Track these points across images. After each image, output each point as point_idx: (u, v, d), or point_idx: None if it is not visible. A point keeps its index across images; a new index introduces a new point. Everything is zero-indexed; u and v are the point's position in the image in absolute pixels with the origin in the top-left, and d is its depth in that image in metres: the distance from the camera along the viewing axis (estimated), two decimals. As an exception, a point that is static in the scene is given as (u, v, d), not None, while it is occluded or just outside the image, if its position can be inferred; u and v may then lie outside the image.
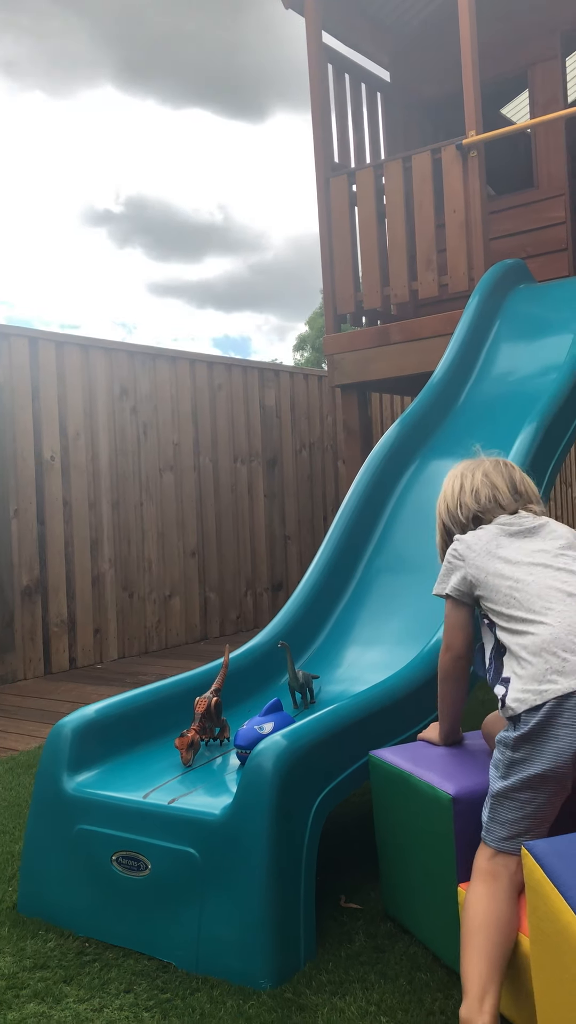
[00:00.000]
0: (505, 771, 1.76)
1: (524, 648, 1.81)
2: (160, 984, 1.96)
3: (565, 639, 1.77)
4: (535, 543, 2.02)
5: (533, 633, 1.81)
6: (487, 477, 2.17)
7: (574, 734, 1.70)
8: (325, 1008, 1.82)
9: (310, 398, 7.05)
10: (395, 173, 5.15)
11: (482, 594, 1.98)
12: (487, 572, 1.98)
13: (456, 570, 2.05)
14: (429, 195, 5.03)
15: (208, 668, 2.85)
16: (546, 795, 1.73)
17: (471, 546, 2.05)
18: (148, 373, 5.73)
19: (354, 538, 3.51)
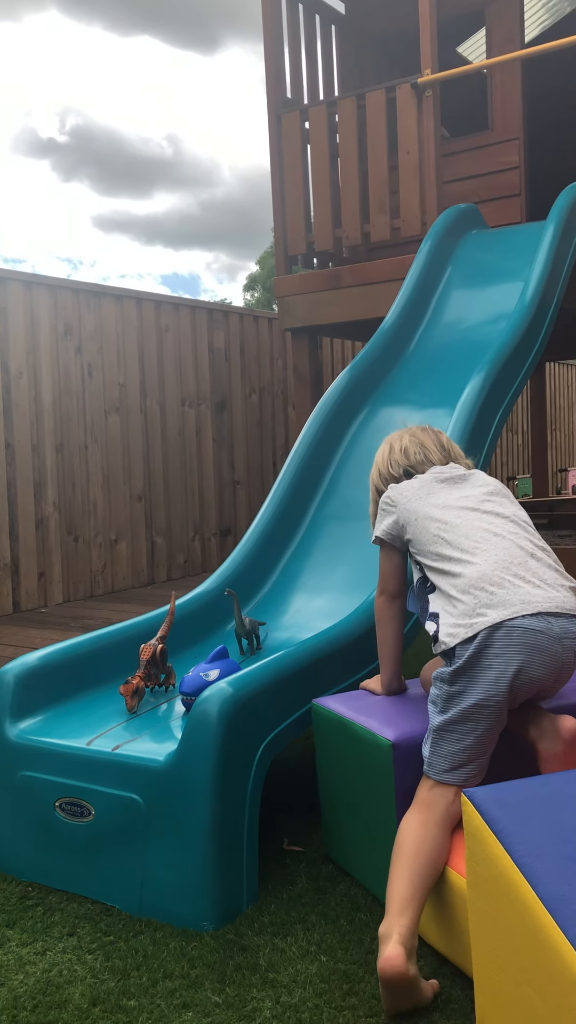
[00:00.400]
0: (444, 705, 1.82)
1: (454, 587, 1.88)
2: (103, 927, 1.98)
3: (492, 575, 1.85)
4: (464, 490, 2.10)
5: (462, 573, 1.88)
6: (415, 437, 2.27)
7: (506, 662, 1.77)
8: (267, 948, 1.86)
9: (260, 341, 6.96)
10: (348, 111, 5.03)
11: (411, 537, 2.06)
12: (417, 515, 2.05)
13: (388, 515, 2.13)
14: (383, 135, 4.94)
15: (154, 615, 2.84)
16: (484, 725, 1.80)
17: (403, 492, 2.13)
18: (93, 312, 5.59)
19: (303, 485, 3.50)
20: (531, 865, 1.33)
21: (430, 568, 1.97)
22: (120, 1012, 1.69)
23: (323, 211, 5.20)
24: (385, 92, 4.88)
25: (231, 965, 1.81)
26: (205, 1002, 1.70)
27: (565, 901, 1.27)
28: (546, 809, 1.42)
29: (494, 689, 1.78)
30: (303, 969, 1.78)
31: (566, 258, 4.22)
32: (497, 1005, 1.44)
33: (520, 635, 1.78)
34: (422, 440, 2.26)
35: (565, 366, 11.78)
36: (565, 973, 1.23)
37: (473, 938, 1.49)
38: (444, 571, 1.92)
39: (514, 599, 1.81)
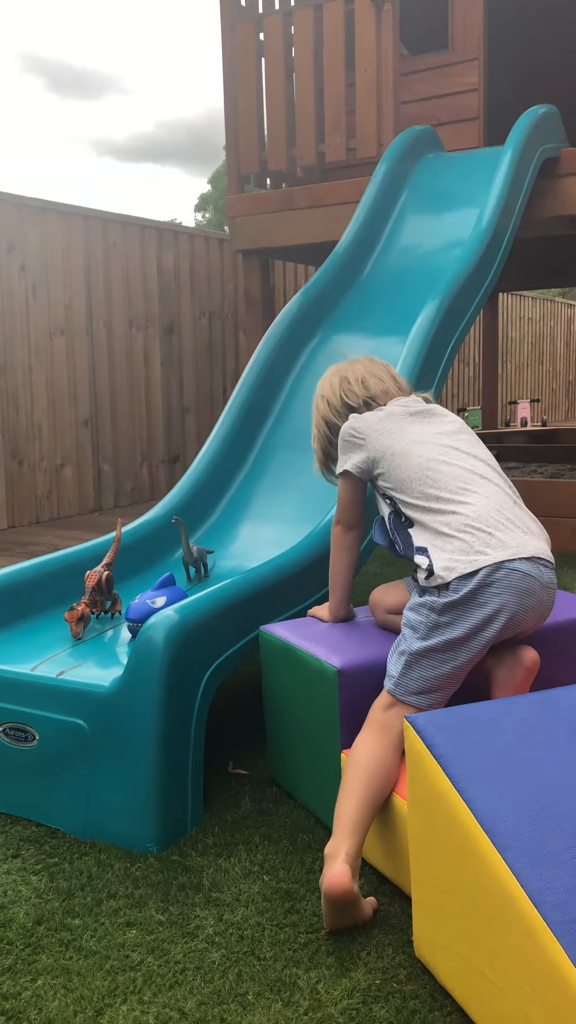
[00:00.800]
0: (427, 632, 1.82)
1: (446, 525, 1.86)
2: (48, 849, 1.99)
3: (488, 516, 1.85)
4: (434, 426, 2.06)
5: (457, 512, 1.87)
6: (367, 369, 2.21)
7: (502, 603, 1.79)
8: (210, 869, 1.89)
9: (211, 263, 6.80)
10: (305, 22, 4.85)
11: (384, 471, 2.00)
12: (394, 451, 1.99)
13: (357, 449, 2.06)
14: (340, 50, 4.77)
15: (99, 542, 2.81)
16: (464, 658, 1.81)
17: (371, 424, 2.06)
18: (38, 228, 5.39)
19: (253, 412, 3.46)
20: (469, 788, 1.35)
21: (411, 505, 1.93)
22: (64, 931, 1.71)
23: (277, 129, 5.04)
24: (344, 3, 4.70)
25: (175, 885, 1.84)
26: (149, 920, 1.73)
27: (500, 822, 1.31)
28: (485, 734, 1.45)
29: (485, 627, 1.79)
30: (246, 888, 1.82)
31: (523, 185, 4.16)
32: (433, 920, 1.49)
33: (518, 579, 1.79)
34: (376, 372, 2.20)
35: (518, 297, 11.76)
36: (498, 889, 1.27)
37: (412, 857, 1.53)
38: (433, 509, 1.89)
39: (511, 542, 1.82)
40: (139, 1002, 1.52)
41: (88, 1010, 1.50)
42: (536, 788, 1.36)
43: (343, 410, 2.17)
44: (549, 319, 12.96)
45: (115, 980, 1.57)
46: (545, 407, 12.39)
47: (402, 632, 1.88)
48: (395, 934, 1.66)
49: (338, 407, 2.18)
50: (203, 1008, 1.50)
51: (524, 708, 1.53)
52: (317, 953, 1.62)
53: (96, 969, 1.60)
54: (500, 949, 1.29)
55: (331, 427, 2.19)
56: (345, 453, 2.09)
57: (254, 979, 1.56)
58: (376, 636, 2.09)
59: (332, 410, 2.18)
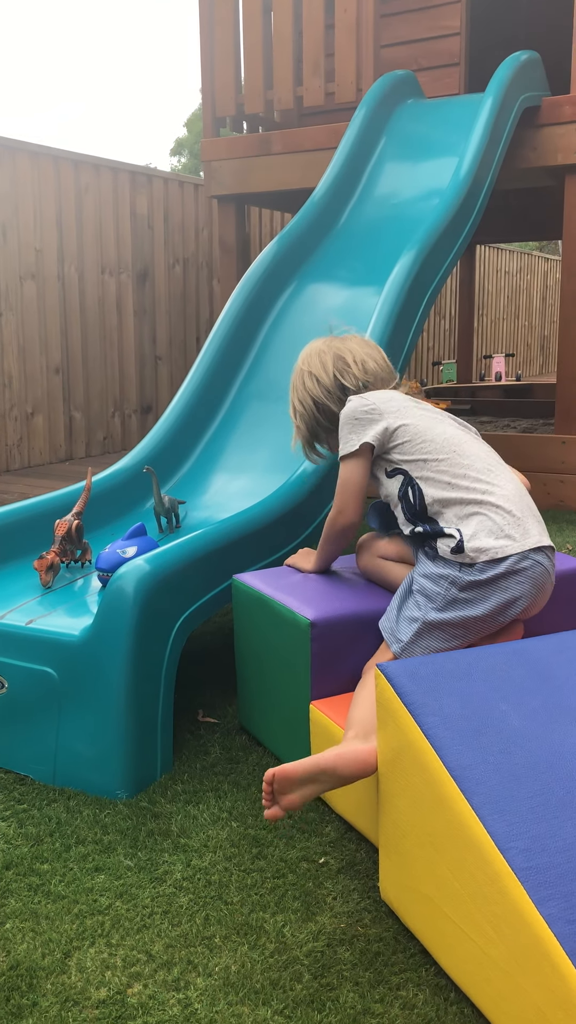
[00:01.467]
0: (444, 605, 1.82)
1: (476, 504, 1.85)
2: (17, 796, 2.00)
3: (515, 501, 1.87)
4: (435, 412, 2.05)
5: (486, 491, 1.86)
6: (364, 350, 2.13)
7: (522, 591, 1.80)
8: (179, 815, 1.90)
9: (185, 209, 6.66)
10: (285, -41, 4.70)
11: (401, 443, 1.94)
12: (417, 427, 1.96)
13: (374, 422, 1.97)
14: (320, -12, 4.64)
15: (69, 490, 2.78)
16: (473, 635, 1.84)
17: (385, 401, 2.01)
18: (7, 169, 5.24)
19: (227, 362, 3.42)
20: (439, 736, 1.36)
21: (435, 480, 1.89)
22: (33, 875, 1.71)
23: (254, 70, 4.92)
24: None
25: (143, 831, 1.85)
26: (117, 866, 1.74)
27: (469, 769, 1.32)
28: (456, 683, 1.45)
29: (503, 612, 1.81)
30: (214, 835, 1.83)
31: (503, 134, 4.10)
32: (400, 866, 1.51)
33: (540, 572, 1.82)
34: (373, 355, 2.14)
35: (496, 250, 11.67)
36: (465, 835, 1.29)
37: (381, 804, 1.54)
38: (461, 486, 1.87)
39: (533, 530, 1.84)
40: (107, 945, 1.53)
41: (56, 952, 1.51)
42: (505, 736, 1.37)
43: (335, 391, 2.08)
44: (526, 273, 12.90)
45: (83, 924, 1.58)
46: (520, 362, 12.39)
47: (413, 598, 1.87)
48: (361, 879, 1.69)
49: (329, 387, 2.09)
50: (170, 951, 1.51)
51: (495, 658, 1.54)
52: (283, 898, 1.64)
53: (64, 913, 1.61)
54: (465, 893, 1.31)
55: (320, 407, 2.10)
56: (359, 429, 1.98)
57: (221, 923, 1.58)
58: (350, 590, 2.09)
59: (323, 389, 2.09)
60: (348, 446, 1.99)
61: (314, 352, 2.15)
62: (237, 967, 1.47)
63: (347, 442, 2.00)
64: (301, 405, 2.14)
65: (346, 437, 2.00)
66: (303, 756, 1.95)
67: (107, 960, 1.50)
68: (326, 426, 2.13)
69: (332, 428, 2.10)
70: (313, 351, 2.16)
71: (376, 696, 1.51)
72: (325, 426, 2.13)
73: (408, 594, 1.90)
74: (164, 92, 60.44)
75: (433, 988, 1.42)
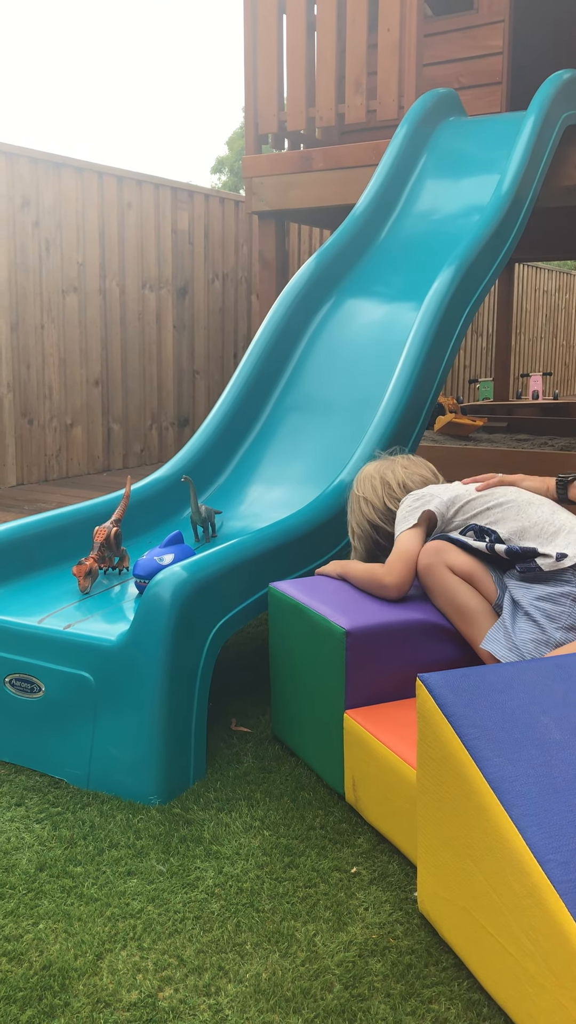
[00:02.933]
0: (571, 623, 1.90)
1: (554, 529, 2.01)
2: (51, 799, 2.01)
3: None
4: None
5: (557, 525, 2.03)
6: (407, 470, 2.31)
7: None
8: (211, 823, 1.90)
9: (226, 225, 6.73)
10: (329, -21, 4.75)
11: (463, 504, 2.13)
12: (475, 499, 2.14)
13: (434, 497, 2.15)
14: (363, 9, 4.68)
15: (109, 498, 2.80)
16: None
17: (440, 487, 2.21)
18: (52, 184, 5.33)
19: (264, 375, 3.44)
20: (479, 747, 1.35)
21: (505, 520, 2.06)
22: (66, 877, 1.72)
23: (297, 88, 4.96)
24: (368, -40, 4.60)
25: (176, 837, 1.85)
26: (150, 870, 1.74)
27: (509, 782, 1.31)
28: (496, 696, 1.44)
29: None
30: (246, 843, 1.83)
31: (544, 152, 4.10)
32: (437, 875, 1.50)
33: None
34: (417, 470, 2.32)
35: (534, 268, 11.64)
36: (504, 847, 1.28)
37: (420, 813, 1.53)
38: (533, 519, 2.04)
39: None
40: (138, 948, 1.53)
41: (88, 954, 1.52)
42: (545, 750, 1.36)
43: (387, 512, 2.26)
44: (565, 292, 12.83)
45: (115, 926, 1.59)
46: (557, 380, 12.31)
47: (533, 619, 1.90)
48: (393, 891, 1.68)
49: (382, 509, 2.27)
50: (201, 956, 1.51)
51: (536, 672, 1.52)
52: (315, 907, 1.63)
53: (97, 915, 1.62)
54: (503, 905, 1.29)
55: (377, 529, 2.28)
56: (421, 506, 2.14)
57: (252, 930, 1.57)
58: (386, 600, 2.09)
59: (378, 513, 2.27)
60: (407, 522, 2.12)
61: (365, 478, 2.34)
62: (268, 975, 1.46)
63: (406, 520, 2.13)
64: (359, 528, 2.32)
65: (405, 517, 2.14)
66: (336, 766, 1.95)
67: (138, 963, 1.50)
68: (384, 545, 2.26)
69: (387, 545, 2.22)
70: (364, 477, 2.35)
71: (417, 707, 1.50)
72: (383, 545, 2.27)
73: (521, 617, 1.92)
74: (206, 111, 61.12)
75: (466, 1002, 1.40)
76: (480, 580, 2.01)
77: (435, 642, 2.03)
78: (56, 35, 67.96)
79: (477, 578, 2.02)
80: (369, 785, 1.84)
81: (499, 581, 2.02)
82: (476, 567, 2.03)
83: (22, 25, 68.94)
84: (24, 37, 69.19)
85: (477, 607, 2.00)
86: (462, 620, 2.00)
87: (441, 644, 2.04)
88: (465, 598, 2.00)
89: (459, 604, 1.99)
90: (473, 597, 2.00)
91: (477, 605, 2.00)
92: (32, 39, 69.65)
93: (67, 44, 68.27)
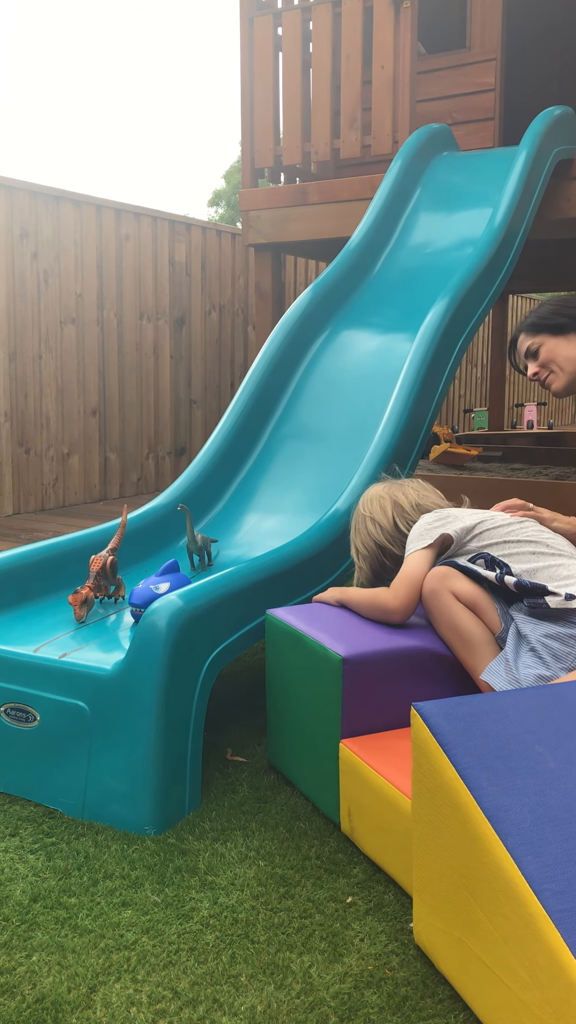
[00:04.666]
0: (574, 663, 1.90)
1: (567, 570, 2.02)
2: (46, 829, 2.00)
3: None
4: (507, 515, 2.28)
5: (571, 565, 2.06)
6: (418, 493, 2.31)
7: None
8: (207, 853, 1.89)
9: (222, 257, 6.80)
10: (323, 18, 4.84)
11: (479, 533, 2.11)
12: (495, 518, 2.15)
13: (456, 520, 2.14)
14: (358, 46, 4.77)
15: (105, 527, 2.81)
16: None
17: (459, 510, 2.21)
18: (51, 216, 5.39)
19: (260, 405, 3.46)
20: (474, 776, 1.35)
21: (519, 555, 2.06)
22: (60, 908, 1.71)
23: (293, 123, 5.04)
24: (363, 0, 4.70)
25: (171, 867, 1.84)
26: (144, 901, 1.73)
27: (504, 810, 1.31)
28: (491, 724, 1.44)
29: None
30: (241, 873, 1.82)
31: (536, 186, 4.16)
32: (433, 908, 1.49)
33: None
34: (428, 495, 2.31)
35: (528, 300, 11.74)
36: (499, 876, 1.27)
37: (415, 843, 1.53)
38: (546, 555, 2.07)
39: None
40: (132, 980, 1.52)
41: (82, 987, 1.50)
42: (541, 779, 1.36)
43: (395, 533, 2.24)
44: (558, 324, 12.92)
45: (109, 958, 1.57)
46: (552, 410, 12.38)
47: (535, 655, 1.90)
48: (388, 921, 1.67)
49: (391, 530, 2.25)
50: (196, 988, 1.50)
51: (531, 700, 1.53)
52: (311, 938, 1.62)
53: (91, 947, 1.60)
54: (499, 936, 1.29)
55: (384, 550, 2.26)
56: (439, 527, 2.12)
57: (247, 961, 1.56)
58: (384, 626, 2.09)
59: (386, 534, 2.25)
60: (422, 541, 2.10)
61: (374, 498, 2.32)
62: (263, 1007, 1.45)
63: (421, 539, 2.11)
64: (364, 548, 2.29)
65: (421, 535, 2.12)
66: (332, 796, 1.94)
67: (132, 996, 1.48)
68: (389, 567, 2.25)
69: (394, 568, 2.19)
70: (373, 497, 2.32)
71: (412, 735, 1.50)
72: (389, 567, 2.25)
73: (526, 652, 1.92)
74: (203, 145, 61.87)
75: (463, 1035, 1.39)
76: (484, 610, 2.02)
77: (434, 671, 2.03)
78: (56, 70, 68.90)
79: (482, 607, 2.02)
80: (365, 815, 1.84)
81: (504, 614, 2.02)
82: (481, 596, 2.03)
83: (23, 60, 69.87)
84: (25, 72, 70.17)
85: (480, 636, 2.00)
86: (464, 648, 2.00)
87: (440, 673, 2.04)
88: (468, 626, 2.00)
89: (462, 632, 2.00)
90: (476, 626, 2.00)
91: (480, 634, 2.00)
92: (33, 74, 70.63)
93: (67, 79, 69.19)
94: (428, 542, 2.09)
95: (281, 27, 5.02)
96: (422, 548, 2.09)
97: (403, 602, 2.04)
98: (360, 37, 4.75)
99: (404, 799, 1.67)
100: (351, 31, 4.76)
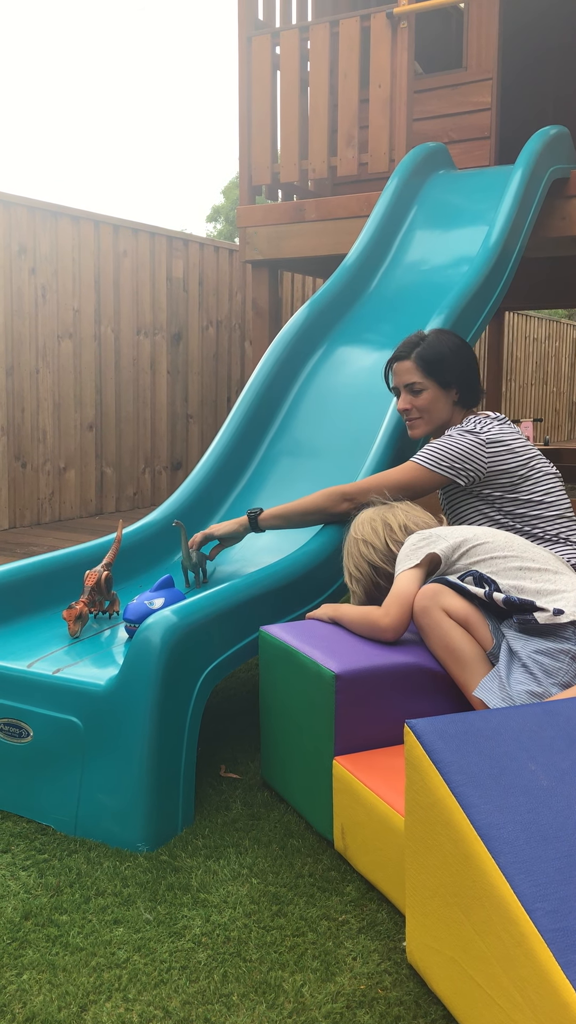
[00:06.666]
0: (569, 679, 1.90)
1: (553, 587, 2.04)
2: (38, 845, 1.99)
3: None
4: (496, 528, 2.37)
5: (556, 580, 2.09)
6: (407, 515, 2.31)
7: None
8: (199, 870, 1.88)
9: (220, 273, 6.83)
10: (321, 37, 4.89)
11: (466, 550, 2.12)
12: (478, 535, 2.16)
13: (441, 539, 2.15)
14: (355, 65, 4.81)
15: (100, 542, 2.81)
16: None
17: (445, 529, 2.22)
18: (49, 232, 5.42)
19: (257, 420, 3.47)
20: (467, 794, 1.35)
21: (506, 571, 2.06)
22: (52, 926, 1.70)
23: (290, 141, 5.08)
24: (359, 20, 4.75)
25: (163, 885, 1.83)
26: (136, 919, 1.72)
27: (496, 829, 1.30)
28: (485, 742, 1.44)
29: None
30: (234, 890, 1.81)
31: (532, 204, 4.19)
32: (426, 927, 1.48)
33: None
34: (418, 516, 2.32)
35: (524, 316, 11.80)
36: (491, 895, 1.27)
37: (408, 861, 1.52)
38: (533, 569, 2.08)
39: None
40: (124, 999, 1.51)
41: (72, 1006, 1.49)
42: (533, 797, 1.36)
43: (388, 554, 2.25)
44: (555, 339, 13.00)
45: (100, 977, 1.56)
46: (548, 426, 12.42)
47: (527, 672, 1.91)
48: (381, 940, 1.66)
49: (383, 551, 2.26)
50: (187, 1007, 1.49)
51: (525, 718, 1.53)
52: (303, 957, 1.61)
53: (82, 965, 1.59)
54: (492, 955, 1.28)
55: (378, 570, 2.26)
56: (425, 547, 2.14)
57: (239, 980, 1.55)
58: (377, 643, 2.09)
59: (379, 554, 2.26)
60: (410, 561, 2.11)
61: (365, 521, 2.32)
62: (255, 1027, 1.44)
63: (408, 559, 2.12)
64: (357, 571, 2.29)
65: (408, 556, 2.13)
66: (325, 814, 1.94)
67: (123, 1016, 1.47)
68: (384, 587, 2.24)
69: (388, 587, 2.19)
70: (364, 520, 2.33)
71: (405, 753, 1.50)
72: (383, 587, 2.24)
73: (517, 668, 1.93)
74: (203, 161, 62.20)
75: (456, 1056, 1.38)
76: (476, 626, 2.02)
77: (427, 687, 2.03)
78: (55, 86, 69.34)
79: (473, 624, 2.02)
80: (358, 833, 1.83)
81: (495, 630, 2.02)
82: (472, 613, 2.03)
83: (21, 76, 70.36)
84: (23, 88, 70.61)
85: (471, 652, 2.00)
86: (456, 665, 2.00)
87: (433, 690, 2.04)
88: (460, 643, 2.00)
89: (454, 648, 2.00)
90: (468, 642, 2.01)
91: (471, 651, 2.00)
92: (31, 90, 71.08)
93: (66, 95, 69.62)
94: (415, 562, 2.10)
95: (279, 46, 5.06)
96: (410, 568, 2.10)
97: (394, 620, 2.05)
98: (357, 56, 4.79)
99: (397, 817, 1.67)
100: (348, 50, 4.81)
